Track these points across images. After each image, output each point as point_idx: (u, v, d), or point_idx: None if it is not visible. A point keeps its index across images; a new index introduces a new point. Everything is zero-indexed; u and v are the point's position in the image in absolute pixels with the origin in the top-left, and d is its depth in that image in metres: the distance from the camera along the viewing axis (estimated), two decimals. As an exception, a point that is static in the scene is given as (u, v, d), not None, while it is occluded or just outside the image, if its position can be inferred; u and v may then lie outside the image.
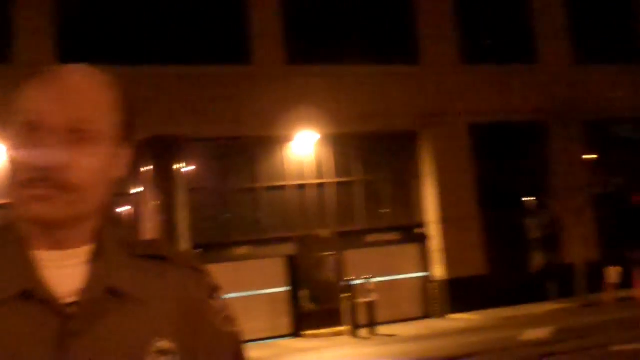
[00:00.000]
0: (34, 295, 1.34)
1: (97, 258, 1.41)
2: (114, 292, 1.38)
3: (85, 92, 1.38)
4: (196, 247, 18.18)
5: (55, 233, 1.39)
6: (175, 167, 19.97)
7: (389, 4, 23.13)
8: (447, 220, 22.37)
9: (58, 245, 1.39)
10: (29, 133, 1.35)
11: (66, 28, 19.38)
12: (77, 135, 1.35)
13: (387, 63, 22.52)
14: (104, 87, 1.42)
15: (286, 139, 21.63)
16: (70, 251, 1.40)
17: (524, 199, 24.03)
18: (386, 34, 22.99)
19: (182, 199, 19.73)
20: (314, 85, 21.30)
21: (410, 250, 22.67)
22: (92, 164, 1.36)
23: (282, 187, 21.61)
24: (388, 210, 22.76)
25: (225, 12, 21.33)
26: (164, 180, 19.60)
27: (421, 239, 22.69)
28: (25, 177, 1.34)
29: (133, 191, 19.73)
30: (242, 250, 20.02)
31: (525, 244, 23.77)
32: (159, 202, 19.30)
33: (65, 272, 1.38)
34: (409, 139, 23.05)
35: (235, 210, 21.26)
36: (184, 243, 18.36)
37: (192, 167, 20.69)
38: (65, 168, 1.33)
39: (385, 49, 22.85)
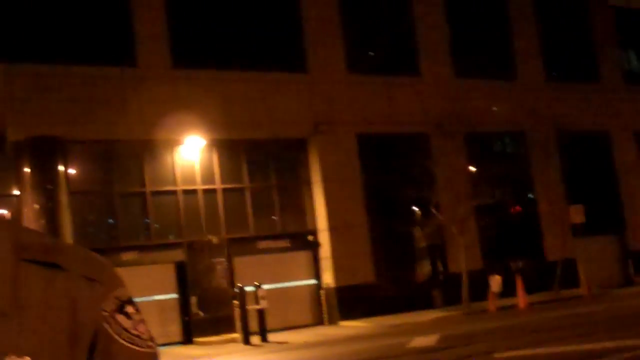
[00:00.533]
0: None
1: None
2: None
3: None
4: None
5: None
6: (56, 169, 19.08)
7: (276, 10, 23.08)
8: (336, 228, 22.48)
9: None
10: None
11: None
12: None
13: (276, 70, 22.46)
14: None
15: (173, 144, 21.16)
16: None
17: (410, 208, 24.47)
18: (274, 41, 22.92)
19: (64, 202, 18.87)
20: (201, 90, 20.97)
21: (301, 257, 22.63)
22: None
23: (170, 192, 21.09)
24: (279, 218, 22.64)
25: (111, 12, 20.67)
26: (45, 182, 18.70)
27: (312, 247, 22.69)
28: None
29: (13, 193, 18.74)
30: (130, 255, 19.32)
31: (412, 253, 24.23)
32: (39, 206, 18.38)
33: None
34: (298, 147, 23.04)
35: (122, 215, 20.54)
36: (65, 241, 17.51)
37: (75, 170, 19.85)
38: None
39: (273, 56, 22.78)
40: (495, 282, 22.53)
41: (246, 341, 18.53)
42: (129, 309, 1.34)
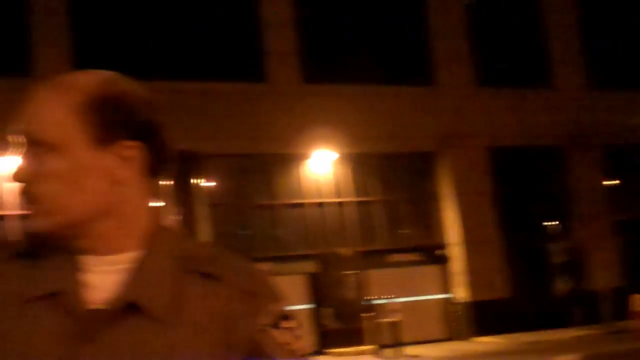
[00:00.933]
0: (60, 297, 1.35)
1: (139, 268, 1.36)
2: (133, 307, 1.33)
3: (37, 103, 1.37)
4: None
5: (71, 242, 1.38)
6: (195, 182, 19.75)
7: (404, 24, 23.06)
8: (468, 242, 22.11)
9: (93, 251, 1.39)
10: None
11: (84, 40, 19.23)
12: (36, 147, 1.35)
13: (403, 83, 22.42)
14: (60, 94, 1.37)
15: (304, 157, 21.45)
16: (109, 257, 1.39)
17: (545, 223, 23.73)
18: (402, 54, 22.91)
19: (202, 214, 19.51)
20: (331, 104, 21.16)
21: (432, 271, 22.36)
22: (54, 172, 1.34)
23: (301, 205, 21.35)
24: (409, 231, 22.50)
25: (242, 29, 21.25)
26: (184, 195, 19.33)
27: (443, 261, 22.39)
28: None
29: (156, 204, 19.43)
30: (263, 266, 19.57)
31: (548, 268, 23.43)
32: (179, 217, 19.00)
33: (106, 277, 1.37)
34: (427, 160, 22.85)
35: (255, 227, 20.98)
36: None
37: (211, 183, 20.46)
38: (33, 181, 1.35)
39: (400, 69, 22.77)
40: (639, 301, 21.42)
41: (379, 354, 18.41)
42: (287, 324, 1.36)
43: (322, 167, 21.66)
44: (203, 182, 20.05)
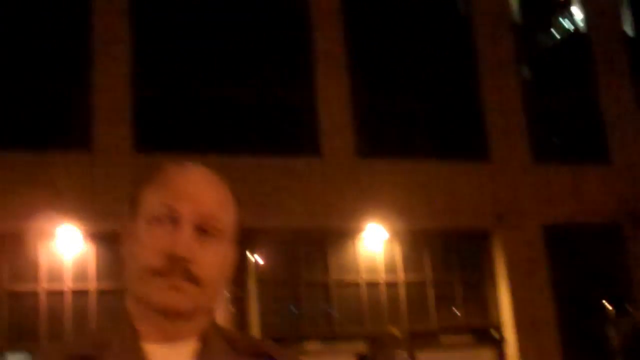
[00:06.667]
0: None
1: (201, 353, 1.43)
2: None
3: (211, 190, 1.51)
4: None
5: (172, 324, 1.44)
6: (245, 258, 19.81)
7: (458, 100, 23.08)
8: (523, 324, 21.57)
9: (168, 338, 1.44)
10: (163, 225, 1.41)
11: (142, 116, 19.68)
12: (205, 231, 1.44)
13: (457, 159, 22.26)
14: (223, 186, 1.55)
15: (356, 233, 21.33)
16: (178, 345, 1.44)
17: (603, 305, 23.06)
18: (456, 130, 22.82)
19: (252, 291, 19.49)
20: (383, 180, 21.12)
21: (485, 353, 21.80)
22: (216, 260, 1.47)
23: (353, 283, 21.19)
24: (461, 311, 22.05)
25: (295, 104, 21.51)
26: (235, 271, 19.40)
27: (496, 342, 21.86)
28: (160, 265, 1.39)
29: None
30: (313, 345, 19.46)
31: (606, 353, 22.65)
32: (229, 294, 19.07)
33: None
34: (480, 238, 22.52)
35: (306, 304, 20.84)
36: (255, 335, 17.98)
37: (261, 259, 20.49)
38: (196, 261, 1.42)
39: (455, 145, 22.64)
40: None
41: None
42: None
43: (374, 243, 21.52)
44: (254, 258, 20.10)
